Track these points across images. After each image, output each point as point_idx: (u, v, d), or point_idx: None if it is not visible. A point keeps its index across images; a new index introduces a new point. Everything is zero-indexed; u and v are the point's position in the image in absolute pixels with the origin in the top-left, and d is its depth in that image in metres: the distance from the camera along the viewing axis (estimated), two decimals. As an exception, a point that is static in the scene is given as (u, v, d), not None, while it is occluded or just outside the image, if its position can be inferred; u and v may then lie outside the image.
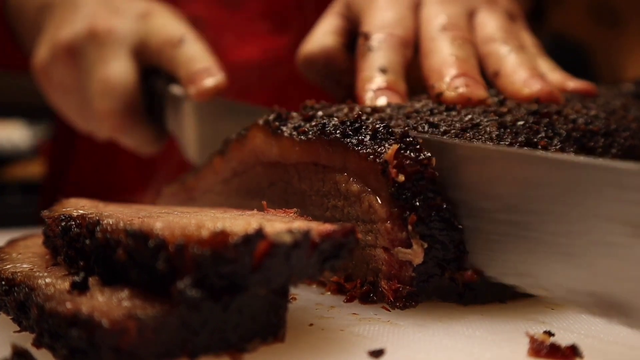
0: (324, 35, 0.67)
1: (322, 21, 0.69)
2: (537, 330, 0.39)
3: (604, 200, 0.35)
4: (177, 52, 0.69)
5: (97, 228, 0.37)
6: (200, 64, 0.68)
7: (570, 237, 0.37)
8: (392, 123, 0.48)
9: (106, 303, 0.32)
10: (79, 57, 0.71)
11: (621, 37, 1.29)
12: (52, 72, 0.74)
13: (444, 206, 0.42)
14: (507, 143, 0.46)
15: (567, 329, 0.40)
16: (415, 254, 0.42)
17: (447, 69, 0.56)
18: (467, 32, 0.61)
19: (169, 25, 0.71)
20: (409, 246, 0.42)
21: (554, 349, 0.36)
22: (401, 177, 0.41)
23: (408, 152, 0.42)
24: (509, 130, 0.48)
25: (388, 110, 0.51)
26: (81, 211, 0.42)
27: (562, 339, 0.37)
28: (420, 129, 0.47)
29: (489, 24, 0.63)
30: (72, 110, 0.78)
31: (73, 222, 0.41)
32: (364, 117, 0.46)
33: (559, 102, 0.55)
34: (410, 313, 0.43)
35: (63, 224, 0.41)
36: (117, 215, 0.39)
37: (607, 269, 0.35)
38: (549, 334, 0.38)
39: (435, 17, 0.62)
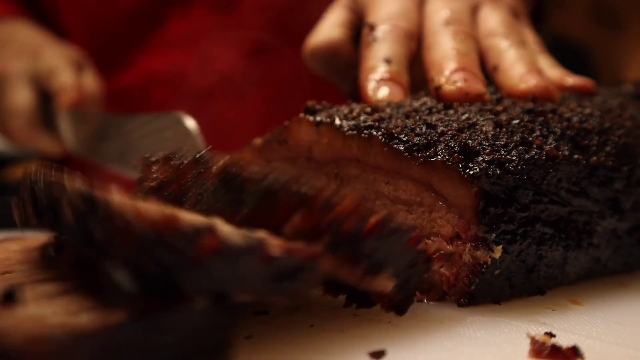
0: (330, 28, 0.68)
1: (328, 14, 0.70)
2: (538, 331, 0.39)
3: None
4: (54, 78, 0.95)
5: (56, 187, 0.36)
6: (66, 84, 0.93)
7: None
8: (392, 124, 0.48)
9: (31, 318, 0.29)
10: None
11: (622, 39, 1.29)
12: None
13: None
14: (502, 143, 0.46)
15: (568, 330, 0.40)
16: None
17: (447, 63, 0.56)
18: (469, 27, 0.61)
19: (51, 60, 0.97)
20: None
21: (555, 350, 0.36)
22: None
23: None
24: (504, 129, 0.48)
25: (388, 110, 0.51)
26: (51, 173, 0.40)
27: (563, 340, 0.37)
28: (418, 130, 0.47)
29: (492, 19, 0.63)
30: (2, 129, 1.04)
31: (41, 180, 0.39)
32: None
33: (554, 98, 0.55)
34: (411, 314, 0.42)
35: (32, 179, 0.40)
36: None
37: None
38: (550, 335, 0.38)
39: (439, 12, 0.62)
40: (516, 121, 0.49)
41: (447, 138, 0.46)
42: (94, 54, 1.09)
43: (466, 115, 0.50)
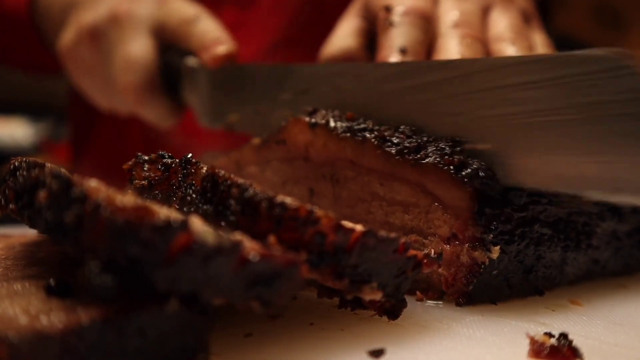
0: (344, 37, 0.68)
1: (341, 23, 0.70)
2: (538, 331, 0.39)
3: None
4: (192, 27, 0.75)
5: (35, 170, 0.35)
6: (213, 35, 0.74)
7: None
8: (384, 126, 0.48)
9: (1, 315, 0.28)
10: (101, 38, 0.77)
11: (624, 39, 1.28)
12: (77, 54, 0.79)
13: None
14: None
15: (567, 331, 0.40)
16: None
17: None
18: (478, 30, 0.61)
19: (184, 7, 0.78)
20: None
21: (555, 350, 0.36)
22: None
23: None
24: None
25: None
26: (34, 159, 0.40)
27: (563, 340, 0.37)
28: (409, 132, 0.47)
29: (501, 22, 0.63)
30: (96, 89, 0.83)
31: (23, 164, 0.38)
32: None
33: None
34: (411, 314, 0.42)
35: (16, 164, 0.39)
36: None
37: None
38: (550, 335, 0.38)
39: (449, 13, 0.62)
40: None
41: (438, 140, 0.46)
42: None
43: None
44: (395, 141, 0.47)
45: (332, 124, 0.50)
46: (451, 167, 0.44)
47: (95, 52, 0.78)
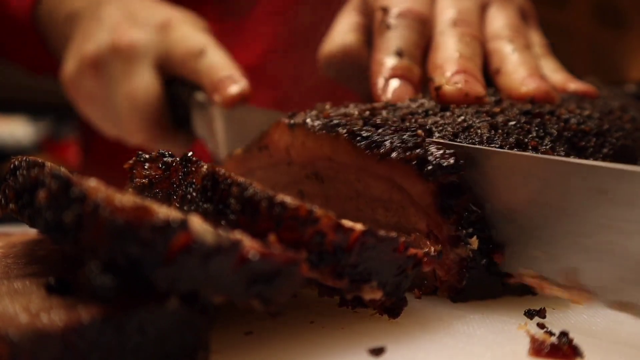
0: (343, 33, 0.68)
1: (340, 20, 0.70)
2: (538, 330, 0.39)
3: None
4: (200, 62, 0.71)
5: (35, 169, 0.35)
6: (223, 72, 0.69)
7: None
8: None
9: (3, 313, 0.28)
10: (104, 70, 0.74)
11: (625, 38, 1.28)
12: (80, 85, 0.77)
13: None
14: (497, 145, 0.46)
15: (568, 329, 0.40)
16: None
17: (449, 65, 0.57)
18: (476, 29, 0.61)
19: (190, 37, 0.73)
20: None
21: (555, 348, 0.36)
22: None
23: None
24: (500, 131, 0.48)
25: (384, 113, 0.51)
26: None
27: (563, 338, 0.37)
28: (380, 125, 0.47)
29: (499, 21, 0.63)
30: (101, 120, 0.81)
31: (23, 163, 0.38)
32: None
33: (554, 102, 0.55)
34: (411, 311, 0.42)
35: (16, 163, 0.39)
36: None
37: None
38: (550, 333, 0.38)
39: (447, 11, 0.62)
40: (512, 122, 0.49)
41: (403, 134, 0.46)
42: None
43: (462, 117, 0.50)
44: (364, 135, 0.46)
45: (308, 122, 0.50)
46: (414, 161, 0.44)
47: (98, 84, 0.75)
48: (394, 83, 0.58)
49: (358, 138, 0.46)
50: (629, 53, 1.27)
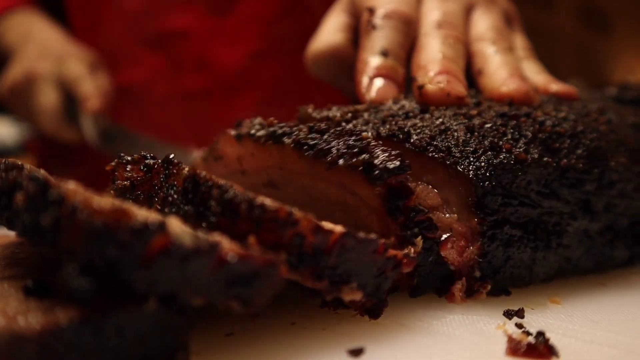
0: (330, 33, 0.68)
1: (327, 19, 0.70)
2: (516, 330, 0.40)
3: None
4: (79, 84, 1.10)
5: (14, 171, 0.35)
6: (89, 93, 1.09)
7: None
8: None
9: None
10: (22, 92, 1.14)
11: (610, 40, 1.29)
12: (9, 100, 1.18)
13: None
14: (471, 149, 0.47)
15: (545, 329, 0.40)
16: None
17: (433, 65, 0.57)
18: (460, 31, 0.62)
19: (75, 67, 1.12)
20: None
21: (531, 348, 0.36)
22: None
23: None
24: (476, 133, 0.48)
25: (366, 115, 0.51)
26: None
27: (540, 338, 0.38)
28: (325, 133, 0.46)
29: (483, 23, 0.64)
30: (30, 120, 1.21)
31: (2, 165, 0.38)
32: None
33: (533, 104, 0.56)
34: (391, 313, 0.43)
35: None
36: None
37: None
38: (527, 333, 0.39)
39: (432, 12, 0.63)
40: (488, 125, 0.50)
41: (348, 139, 0.45)
42: (97, 51, 1.18)
43: (440, 120, 0.50)
44: (310, 143, 0.46)
45: (254, 133, 0.50)
46: (361, 166, 0.44)
47: (19, 101, 1.15)
48: (378, 82, 0.58)
49: (305, 147, 0.46)
50: (613, 55, 1.28)
